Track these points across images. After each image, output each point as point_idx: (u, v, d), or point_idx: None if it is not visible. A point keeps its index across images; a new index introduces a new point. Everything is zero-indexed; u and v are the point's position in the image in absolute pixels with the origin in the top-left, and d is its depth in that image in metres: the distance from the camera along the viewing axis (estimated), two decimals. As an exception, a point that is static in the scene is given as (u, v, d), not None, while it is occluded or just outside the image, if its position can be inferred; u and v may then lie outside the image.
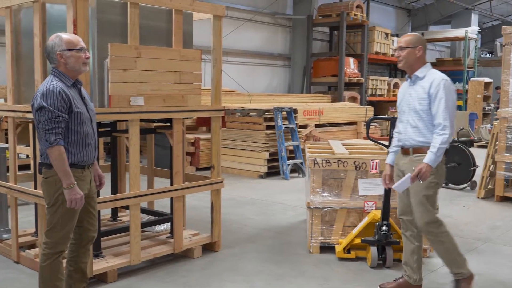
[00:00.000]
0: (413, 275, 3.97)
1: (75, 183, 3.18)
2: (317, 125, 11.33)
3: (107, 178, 3.91)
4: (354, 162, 4.85)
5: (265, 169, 9.32)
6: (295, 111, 9.92)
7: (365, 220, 4.70)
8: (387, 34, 17.13)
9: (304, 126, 10.81)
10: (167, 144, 4.66)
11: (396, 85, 17.24)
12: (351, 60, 15.40)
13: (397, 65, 3.94)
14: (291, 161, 9.39)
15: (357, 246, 4.72)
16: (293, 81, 16.05)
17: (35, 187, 4.33)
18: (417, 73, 3.81)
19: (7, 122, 4.47)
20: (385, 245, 4.56)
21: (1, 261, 4.60)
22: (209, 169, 5.02)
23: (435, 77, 3.73)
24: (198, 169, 9.72)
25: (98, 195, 3.90)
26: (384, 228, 4.52)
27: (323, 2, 16.00)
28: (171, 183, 4.60)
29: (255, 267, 4.60)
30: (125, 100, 4.06)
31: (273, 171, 9.44)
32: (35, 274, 3.73)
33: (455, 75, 19.48)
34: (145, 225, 4.65)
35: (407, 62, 3.81)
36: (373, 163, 4.84)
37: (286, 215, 6.53)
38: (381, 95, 16.92)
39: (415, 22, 21.99)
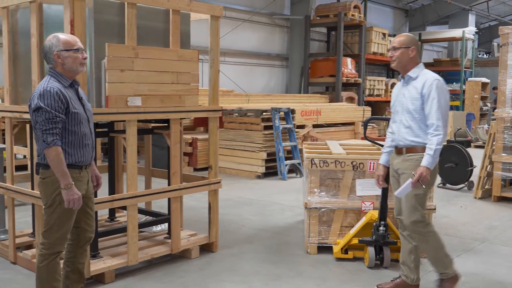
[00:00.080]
0: (411, 275, 3.97)
1: (73, 183, 3.17)
2: (315, 126, 11.34)
3: (104, 178, 3.91)
4: (351, 162, 4.85)
5: (262, 170, 9.32)
6: (293, 111, 9.92)
7: (363, 220, 4.70)
8: (384, 34, 17.14)
9: (301, 126, 10.81)
10: (165, 144, 4.66)
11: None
12: (349, 60, 15.40)
13: (390, 65, 3.96)
14: (288, 162, 9.38)
15: (355, 246, 4.73)
16: (291, 82, 16.05)
17: (32, 188, 4.32)
18: (410, 74, 3.83)
19: (4, 122, 4.46)
20: (383, 245, 4.56)
21: (-2, 262, 4.59)
22: (206, 169, 5.01)
23: (428, 77, 3.75)
24: (195, 170, 9.71)
25: (95, 195, 3.90)
26: (381, 228, 4.52)
27: (321, 2, 16.00)
28: (169, 184, 4.59)
29: (253, 267, 4.60)
30: (122, 100, 4.06)
31: (270, 172, 9.44)
32: (32, 275, 3.73)
33: (452, 76, 19.56)
34: (142, 225, 4.65)
35: (400, 62, 3.83)
36: (370, 163, 4.84)
37: (283, 215, 6.53)
38: (378, 96, 16.92)
39: (413, 22, 22.02)
